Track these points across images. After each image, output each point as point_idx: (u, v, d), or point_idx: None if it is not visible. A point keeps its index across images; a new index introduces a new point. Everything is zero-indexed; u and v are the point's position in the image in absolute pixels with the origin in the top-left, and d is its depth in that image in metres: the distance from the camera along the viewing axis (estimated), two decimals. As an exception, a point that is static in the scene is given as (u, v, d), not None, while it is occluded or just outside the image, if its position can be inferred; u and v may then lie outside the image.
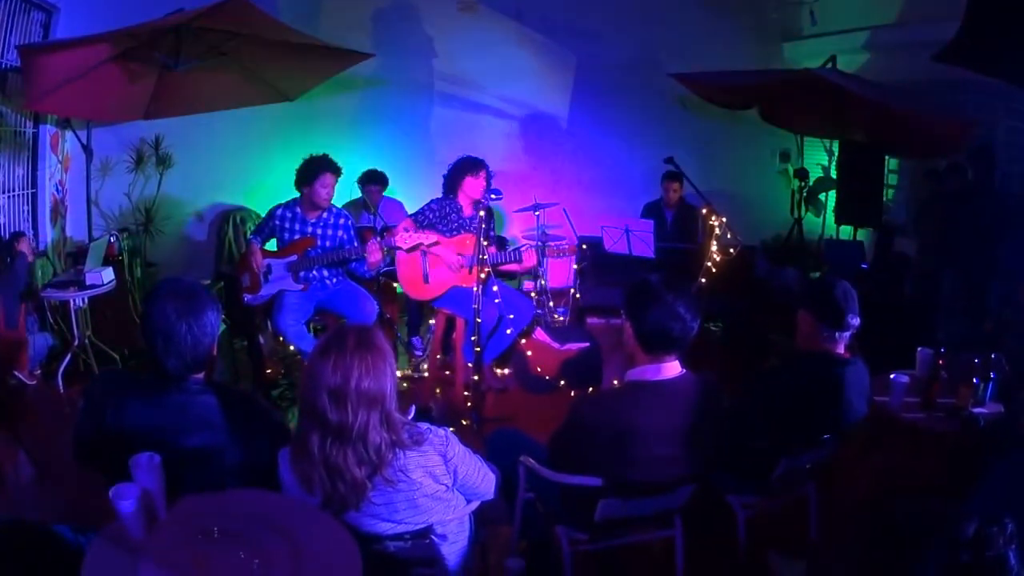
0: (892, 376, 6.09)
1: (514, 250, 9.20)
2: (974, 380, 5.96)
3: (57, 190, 11.29)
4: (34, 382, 9.12)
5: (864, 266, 11.42)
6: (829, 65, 10.57)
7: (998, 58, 8.08)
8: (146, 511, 3.50)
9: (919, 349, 6.53)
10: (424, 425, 4.10)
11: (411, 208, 11.32)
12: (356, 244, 8.91)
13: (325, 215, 8.88)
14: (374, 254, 8.56)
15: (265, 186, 12.48)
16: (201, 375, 4.28)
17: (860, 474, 6.07)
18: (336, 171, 8.78)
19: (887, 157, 11.67)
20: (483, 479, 4.36)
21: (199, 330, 4.09)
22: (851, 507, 5.93)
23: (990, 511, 2.55)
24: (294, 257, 8.77)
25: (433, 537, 4.16)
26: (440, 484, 4.07)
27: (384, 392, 3.82)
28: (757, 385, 5.63)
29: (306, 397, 3.90)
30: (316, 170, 8.64)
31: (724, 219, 9.68)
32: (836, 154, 12.97)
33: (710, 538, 5.69)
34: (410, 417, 4.17)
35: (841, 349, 5.34)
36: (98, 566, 3.40)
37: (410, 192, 12.22)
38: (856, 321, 5.28)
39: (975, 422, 5.73)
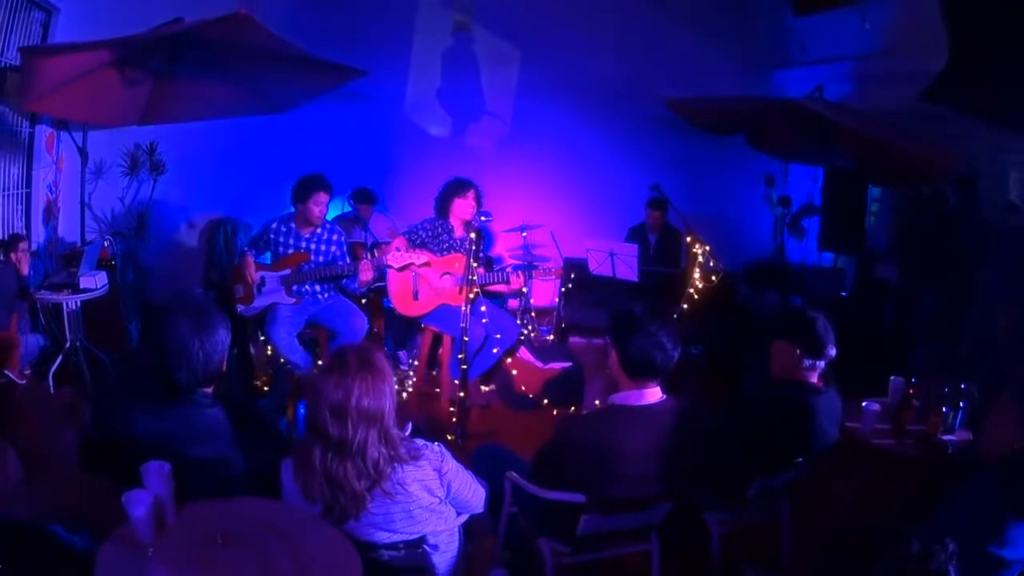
0: (864, 404, 6.28)
1: (501, 271, 9.35)
2: (943, 409, 6.12)
3: (50, 191, 11.32)
4: (24, 381, 9.20)
5: (844, 294, 11.54)
6: (816, 94, 10.72)
7: (982, 98, 8.24)
8: (156, 516, 3.67)
9: (892, 378, 6.65)
10: (420, 441, 4.31)
11: (401, 224, 11.52)
12: (348, 260, 9.07)
13: (319, 231, 9.02)
14: (366, 273, 8.73)
15: (256, 197, 12.60)
16: (210, 389, 4.48)
17: (830, 495, 6.25)
18: (329, 190, 8.93)
19: (870, 184, 11.74)
20: (474, 493, 4.56)
21: (210, 347, 4.29)
22: (820, 526, 6.12)
23: (947, 532, 2.78)
24: (287, 271, 8.93)
25: (426, 547, 4.35)
26: (435, 497, 4.28)
27: (383, 410, 4.04)
28: (735, 411, 5.84)
29: (310, 413, 4.13)
30: (310, 188, 8.80)
31: (708, 247, 9.87)
32: (821, 181, 12.99)
33: (686, 552, 5.86)
34: (407, 433, 4.38)
35: (815, 378, 5.54)
36: (110, 568, 3.59)
37: (401, 208, 12.44)
38: (833, 351, 5.49)
39: (944, 449, 5.91)
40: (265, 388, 9.66)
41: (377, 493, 4.10)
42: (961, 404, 6.10)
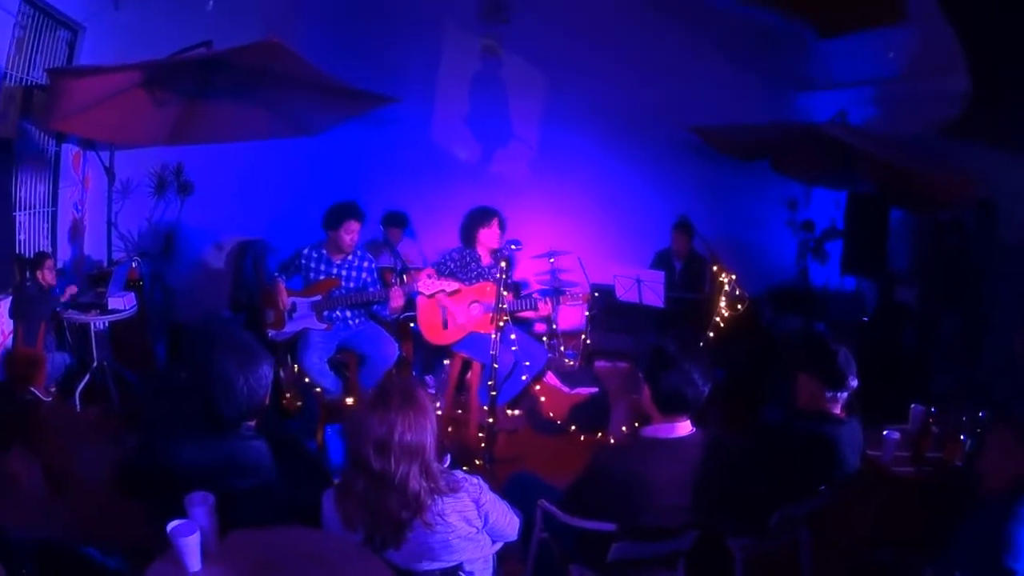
0: (884, 432, 6.37)
1: (529, 298, 9.44)
2: (961, 436, 6.23)
3: (76, 209, 11.38)
4: (49, 399, 9.24)
5: (865, 319, 11.59)
6: (839, 119, 10.77)
7: (1005, 132, 8.34)
8: (201, 546, 3.82)
9: (912, 405, 6.73)
10: (459, 473, 4.46)
11: (429, 249, 11.62)
12: (379, 287, 9.15)
13: (350, 257, 9.11)
14: (397, 299, 8.82)
15: (284, 219, 12.60)
16: (253, 422, 4.62)
17: (851, 523, 6.34)
18: (361, 218, 9.01)
19: (892, 208, 11.72)
20: (509, 522, 4.71)
21: (255, 382, 4.43)
22: (840, 553, 6.21)
23: (961, 559, 2.92)
24: (318, 297, 9.02)
25: (462, 573, 4.48)
26: (472, 527, 4.41)
27: (424, 445, 4.18)
28: (760, 442, 5.96)
29: (353, 446, 4.27)
30: (342, 217, 8.87)
31: (734, 276, 9.96)
32: (843, 205, 12.99)
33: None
34: (445, 465, 4.52)
35: (838, 409, 5.67)
36: None
37: (427, 233, 12.49)
38: (855, 383, 5.61)
39: (961, 475, 6.00)
40: (293, 411, 9.69)
41: (417, 524, 4.22)
42: (978, 431, 6.15)
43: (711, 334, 10.00)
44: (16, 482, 7.19)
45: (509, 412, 10.11)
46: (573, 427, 9.95)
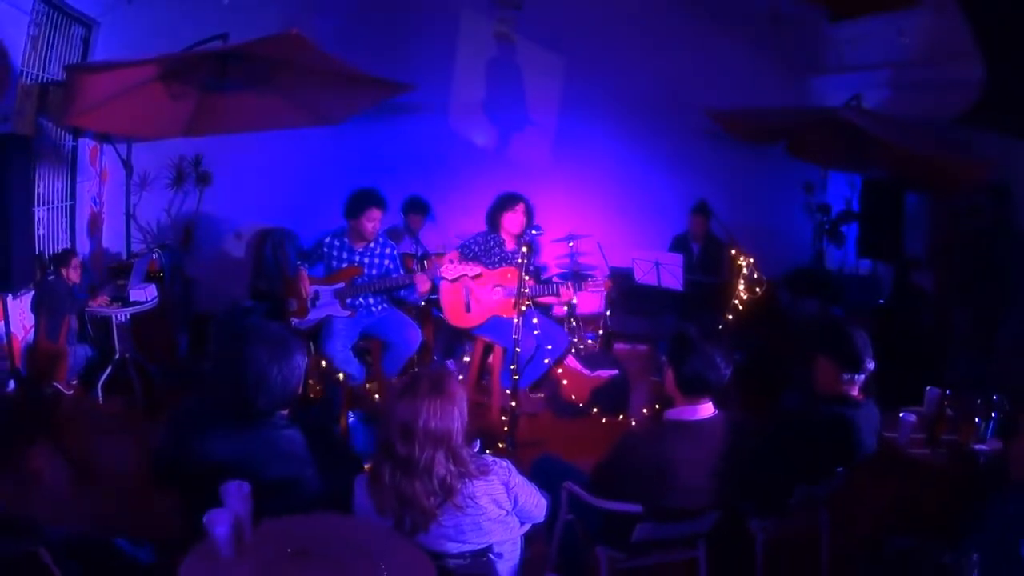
0: (901, 414, 6.46)
1: (550, 283, 9.53)
2: (976, 419, 6.33)
3: (95, 203, 11.56)
4: (71, 392, 9.42)
5: (881, 302, 11.63)
6: (854, 103, 10.79)
7: (1019, 121, 8.38)
8: (236, 534, 3.90)
9: (928, 388, 6.80)
10: (489, 457, 4.57)
11: (450, 234, 11.69)
12: (402, 273, 9.20)
13: (372, 245, 9.16)
14: (423, 284, 8.86)
15: (303, 207, 12.67)
16: (286, 411, 4.71)
17: (868, 504, 6.41)
18: (383, 206, 9.06)
19: (908, 192, 11.70)
20: (537, 504, 4.81)
21: (288, 372, 4.52)
22: (858, 534, 6.29)
23: (979, 543, 3.01)
24: (341, 284, 9.07)
25: (491, 555, 4.59)
26: (502, 509, 4.52)
27: (450, 432, 4.27)
28: (780, 425, 6.05)
29: (382, 432, 4.37)
30: (363, 205, 8.93)
31: (752, 260, 10.02)
32: (859, 188, 13.05)
33: (730, 558, 6.07)
34: (475, 450, 4.63)
35: (855, 391, 5.76)
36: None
37: (451, 218, 12.55)
38: (871, 365, 5.70)
39: (975, 458, 6.09)
40: (315, 398, 9.74)
41: (448, 507, 4.33)
42: (993, 415, 6.25)
43: (730, 317, 10.04)
44: (40, 477, 7.28)
45: (532, 395, 10.24)
46: (594, 410, 10.05)
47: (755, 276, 10.01)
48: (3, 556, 2.63)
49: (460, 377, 9.99)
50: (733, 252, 10.32)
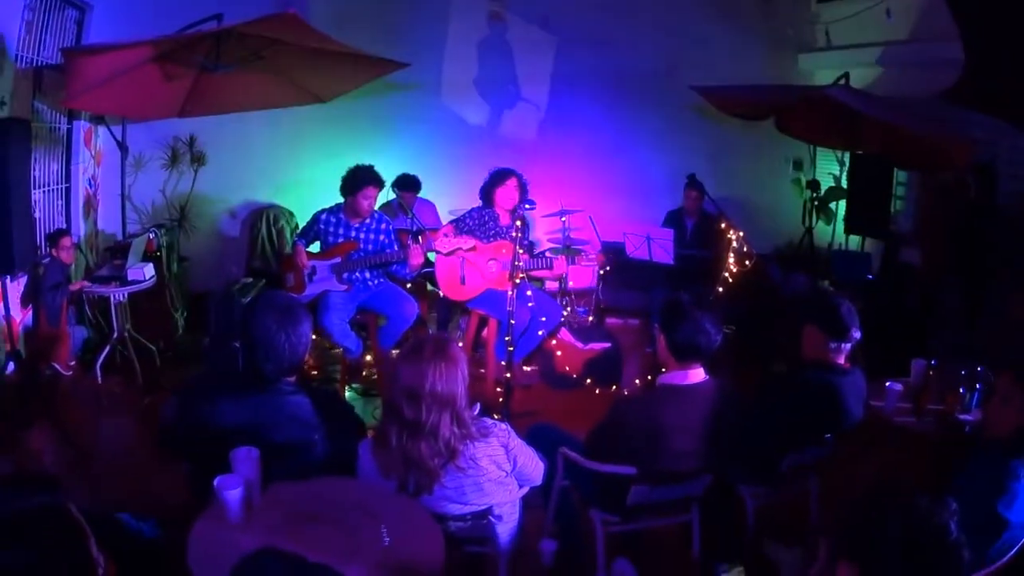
0: (887, 384, 6.59)
1: (543, 256, 9.65)
2: (960, 389, 6.45)
3: (90, 184, 11.63)
4: (70, 373, 9.48)
5: (870, 277, 11.73)
6: (842, 81, 10.88)
7: (1000, 100, 8.49)
8: (246, 497, 4.05)
9: (913, 360, 6.93)
10: (489, 420, 4.72)
11: (443, 209, 11.79)
12: (396, 248, 9.32)
13: (367, 220, 9.27)
14: (416, 258, 8.97)
15: (297, 184, 12.91)
16: (293, 378, 4.83)
17: (856, 471, 6.55)
18: (379, 184, 9.19)
19: (895, 169, 11.83)
20: (535, 467, 4.98)
21: (296, 339, 4.64)
22: (845, 499, 6.42)
23: (959, 496, 3.15)
24: (338, 259, 9.18)
25: (491, 517, 4.73)
26: (502, 470, 4.68)
27: (455, 394, 4.41)
28: (768, 390, 6.22)
29: (388, 396, 4.51)
30: (360, 183, 9.03)
31: (741, 233, 10.13)
32: (847, 164, 13.13)
33: (723, 523, 6.21)
34: (475, 413, 4.76)
35: (842, 360, 5.91)
36: (205, 543, 3.94)
37: (442, 193, 12.57)
38: (857, 334, 5.84)
39: (960, 427, 6.24)
40: (313, 372, 9.90)
41: (450, 468, 4.48)
42: (977, 385, 6.38)
43: (720, 290, 10.16)
44: (41, 457, 7.37)
45: (525, 368, 10.35)
46: (587, 381, 10.21)
47: (744, 250, 10.12)
48: (30, 510, 2.72)
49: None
50: (723, 226, 10.42)
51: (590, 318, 11.85)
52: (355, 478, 4.70)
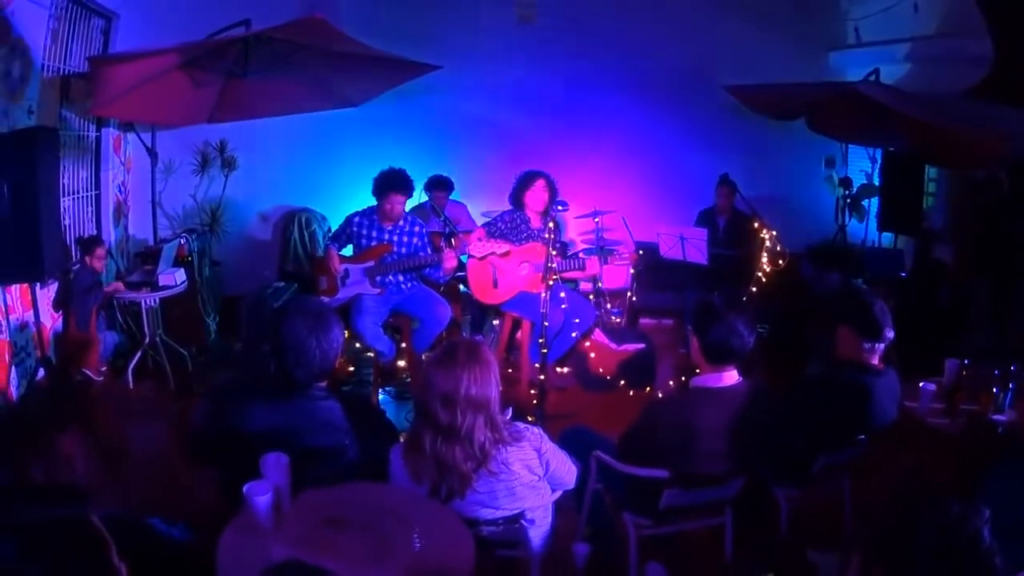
0: (921, 384, 6.58)
1: (576, 258, 9.64)
2: (994, 389, 6.40)
3: (120, 191, 11.68)
4: (101, 378, 9.50)
5: (903, 275, 11.69)
6: (872, 78, 10.83)
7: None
8: (276, 504, 4.06)
9: (947, 360, 6.88)
10: (522, 424, 4.70)
11: (475, 211, 11.79)
12: (429, 251, 9.35)
13: (400, 223, 9.32)
14: (450, 261, 9.03)
15: (329, 187, 12.88)
16: (324, 383, 4.85)
17: (890, 472, 6.53)
18: (405, 191, 9.22)
19: (927, 166, 11.74)
20: (568, 471, 4.95)
21: (327, 345, 4.66)
22: (880, 501, 6.38)
23: (988, 501, 3.12)
24: (371, 263, 9.24)
25: (523, 522, 4.72)
26: (534, 475, 4.66)
27: (489, 398, 4.41)
28: (801, 391, 6.19)
29: (421, 401, 4.50)
30: (385, 189, 9.09)
31: (774, 232, 10.10)
32: (879, 161, 13.07)
33: (756, 526, 6.24)
34: (508, 417, 4.75)
35: (876, 360, 5.88)
36: (234, 550, 3.94)
37: (474, 195, 12.64)
38: (891, 334, 5.82)
39: (993, 428, 6.21)
40: (346, 373, 9.80)
41: (483, 472, 4.47)
42: (1011, 385, 6.34)
43: (754, 289, 10.13)
44: (73, 462, 7.38)
45: (559, 369, 10.34)
46: (621, 382, 10.16)
47: (778, 249, 10.11)
48: (53, 521, 2.73)
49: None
50: (756, 225, 10.40)
51: (622, 319, 11.82)
52: (386, 483, 4.69)
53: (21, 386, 8.60)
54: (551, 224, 8.24)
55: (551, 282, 8.15)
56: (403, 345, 9.76)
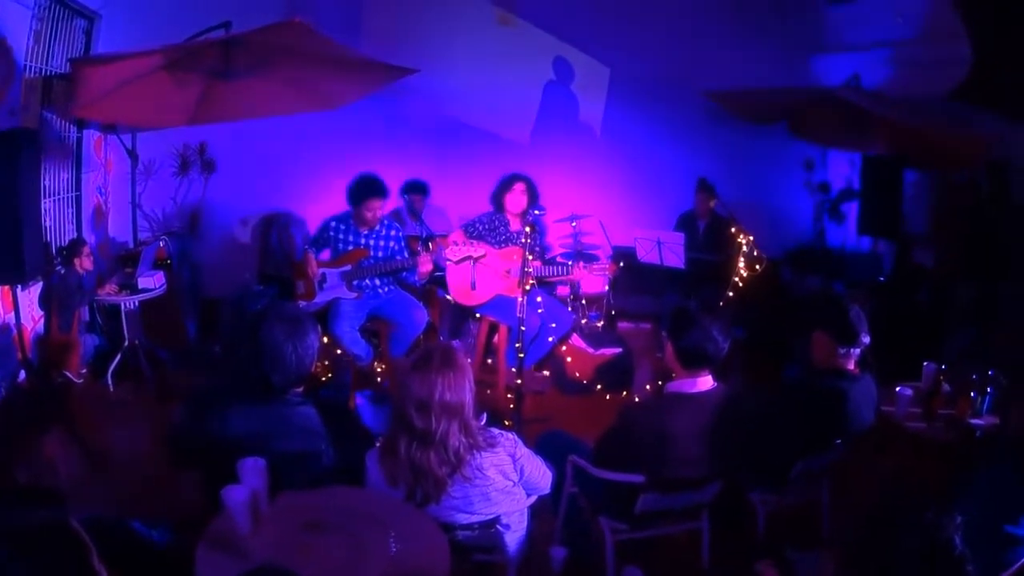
0: (897, 389, 6.60)
1: (561, 264, 9.66)
2: (972, 394, 6.42)
3: (100, 193, 11.60)
4: (81, 380, 9.51)
5: (882, 279, 11.69)
6: (853, 82, 10.87)
7: (1007, 98, 8.48)
8: (253, 508, 4.05)
9: (925, 363, 6.90)
10: (495, 430, 4.71)
11: (453, 215, 11.81)
12: (406, 255, 9.35)
13: (377, 227, 9.29)
14: (425, 265, 9.01)
15: (308, 191, 12.80)
16: (301, 388, 4.85)
17: (867, 476, 6.55)
18: (382, 195, 9.17)
19: (907, 169, 11.74)
20: (542, 475, 4.98)
21: (303, 351, 4.67)
22: (858, 505, 6.39)
23: (967, 511, 3.14)
24: (348, 267, 9.22)
25: (499, 526, 4.75)
26: (509, 480, 4.68)
27: (463, 403, 4.44)
28: (778, 396, 6.21)
29: (396, 406, 4.52)
30: (363, 195, 9.06)
31: (752, 237, 10.12)
32: (859, 165, 12.98)
33: (733, 530, 6.22)
34: (482, 423, 4.77)
35: (851, 365, 5.89)
36: (212, 553, 3.94)
37: (452, 200, 12.69)
38: (866, 339, 5.83)
39: (972, 432, 6.23)
40: (324, 379, 9.86)
41: (457, 478, 4.49)
42: (989, 390, 6.36)
43: (730, 294, 10.15)
44: (54, 464, 7.38)
45: (537, 373, 10.32)
46: (599, 387, 10.16)
47: (755, 254, 10.12)
48: (31, 525, 2.74)
49: (468, 360, 10.05)
50: (733, 230, 10.41)
51: (601, 323, 11.84)
52: (362, 487, 4.70)
53: (2, 388, 8.59)
54: (528, 228, 8.26)
55: (528, 287, 8.16)
56: (381, 349, 9.71)
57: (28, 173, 7.76)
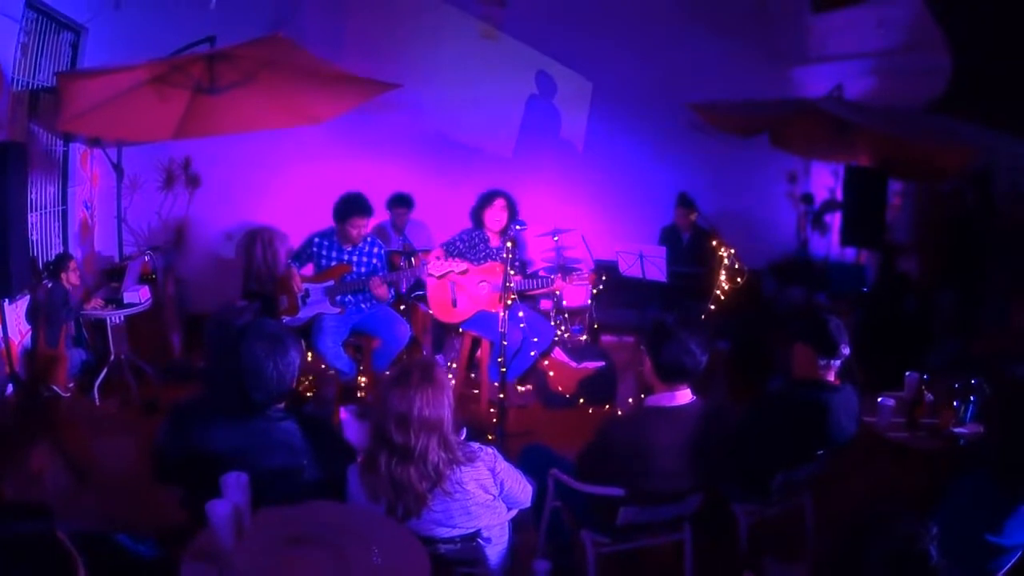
0: (879, 399, 6.62)
1: (542, 277, 9.65)
2: (955, 403, 6.44)
3: (86, 207, 11.58)
4: (68, 395, 9.48)
5: (865, 289, 11.72)
6: (836, 93, 10.90)
7: (985, 109, 8.51)
8: (235, 523, 4.05)
9: (907, 373, 6.93)
10: (476, 444, 4.72)
11: (436, 230, 11.82)
12: (385, 272, 9.39)
13: (360, 244, 9.30)
14: (378, 289, 9.09)
15: (292, 206, 12.81)
16: (282, 404, 4.84)
17: (850, 487, 6.57)
18: (367, 213, 9.21)
19: (890, 180, 11.74)
20: (523, 489, 4.97)
21: (284, 367, 4.66)
22: (840, 516, 6.41)
23: (946, 521, 3.16)
24: (331, 282, 9.24)
25: (480, 540, 4.75)
26: (489, 494, 4.67)
27: (442, 419, 4.44)
28: (759, 408, 6.21)
29: (376, 422, 4.53)
30: (348, 213, 9.08)
31: (733, 250, 10.13)
32: (842, 176, 13.11)
33: (715, 541, 6.22)
34: (462, 438, 4.78)
35: (832, 376, 5.89)
36: (196, 567, 3.95)
37: (435, 214, 12.63)
38: (847, 350, 5.84)
39: (955, 441, 6.25)
40: (308, 394, 9.86)
41: (438, 493, 4.49)
42: (972, 399, 6.38)
43: (712, 307, 10.16)
44: (41, 478, 7.38)
45: (519, 388, 10.37)
46: (581, 400, 10.18)
47: (736, 266, 10.13)
48: (19, 538, 2.75)
49: (451, 375, 10.07)
50: (715, 243, 10.43)
51: (584, 337, 11.85)
52: (344, 502, 4.70)
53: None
54: (509, 243, 8.25)
55: (509, 301, 8.16)
56: (363, 364, 9.72)
57: (15, 187, 7.77)
